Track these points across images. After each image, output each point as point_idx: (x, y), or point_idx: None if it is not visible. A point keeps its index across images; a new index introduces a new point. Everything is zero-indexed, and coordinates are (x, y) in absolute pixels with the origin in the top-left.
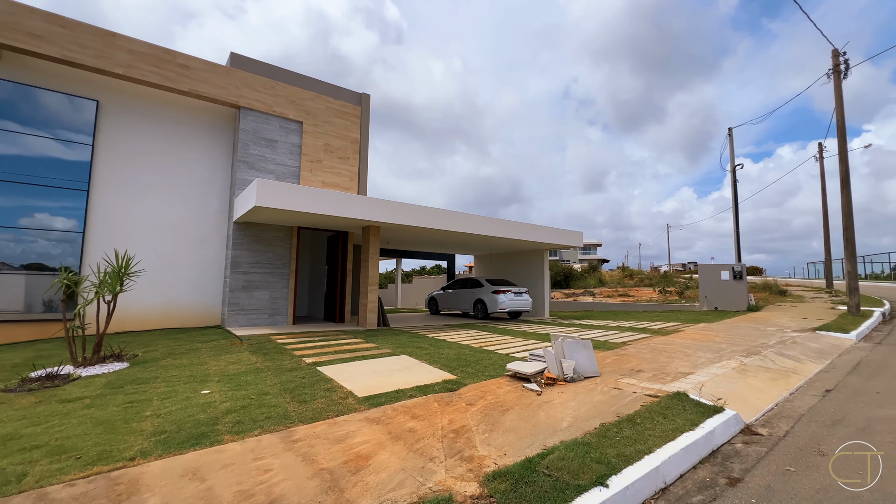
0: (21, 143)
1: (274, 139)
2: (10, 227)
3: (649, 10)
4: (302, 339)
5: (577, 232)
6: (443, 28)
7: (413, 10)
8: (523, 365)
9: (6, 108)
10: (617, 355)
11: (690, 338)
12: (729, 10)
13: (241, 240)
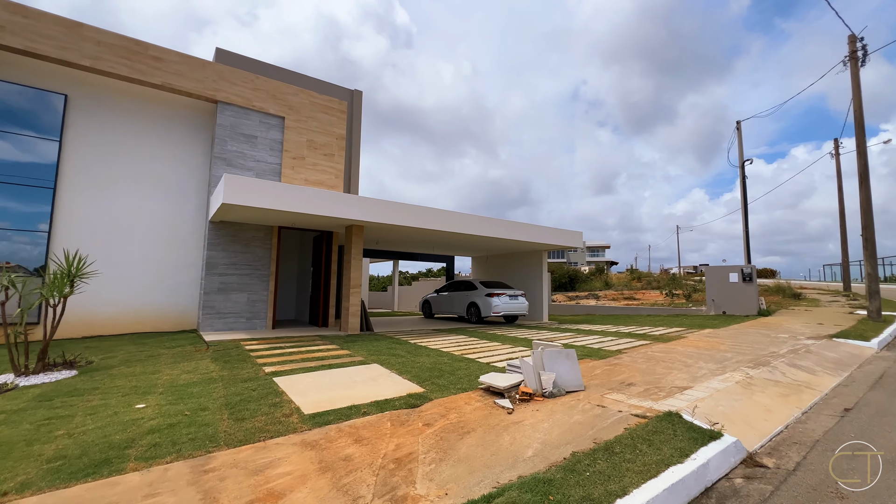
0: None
1: (253, 135)
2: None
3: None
4: (274, 345)
5: (576, 232)
6: (451, 31)
7: (422, 15)
8: (498, 377)
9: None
10: (609, 365)
11: (693, 345)
12: (741, 10)
13: (218, 240)
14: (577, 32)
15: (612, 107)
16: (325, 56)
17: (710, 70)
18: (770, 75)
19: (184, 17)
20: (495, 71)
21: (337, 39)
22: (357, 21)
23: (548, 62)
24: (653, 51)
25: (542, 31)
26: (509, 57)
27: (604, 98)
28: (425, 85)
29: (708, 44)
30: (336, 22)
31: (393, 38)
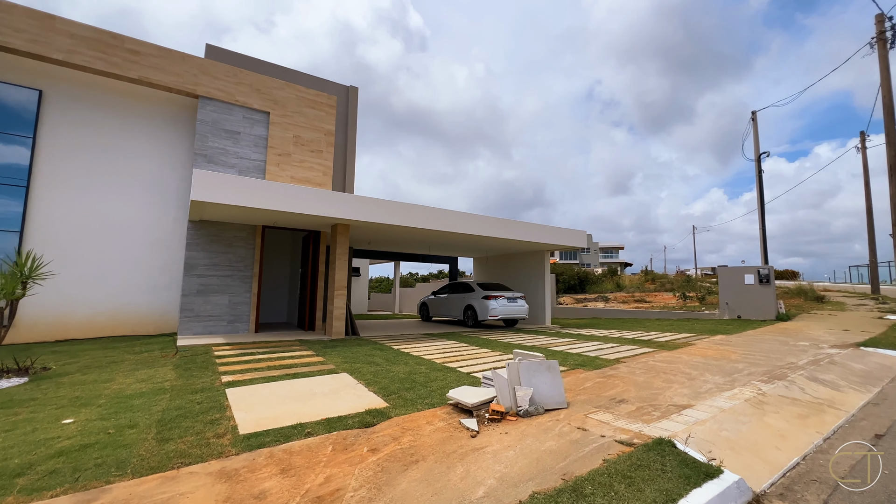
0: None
1: (236, 131)
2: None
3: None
4: (247, 350)
5: (580, 231)
6: (465, 34)
7: (436, 18)
8: (469, 392)
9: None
10: (603, 377)
11: (701, 354)
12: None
13: (198, 240)
14: (591, 32)
15: (628, 106)
16: (340, 60)
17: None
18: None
19: (204, 25)
20: (509, 72)
21: (352, 44)
22: (372, 25)
23: (562, 63)
24: (669, 49)
25: (555, 33)
26: (523, 58)
27: (619, 98)
28: (439, 87)
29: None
30: (351, 27)
31: (407, 42)
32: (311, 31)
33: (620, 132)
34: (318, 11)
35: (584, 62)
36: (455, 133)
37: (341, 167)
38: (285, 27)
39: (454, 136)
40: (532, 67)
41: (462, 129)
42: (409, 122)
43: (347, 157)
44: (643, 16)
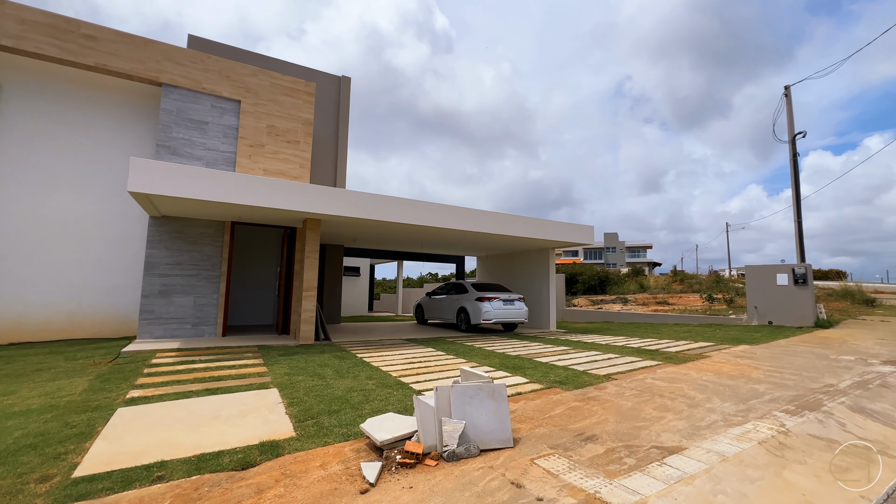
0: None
1: (204, 120)
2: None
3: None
4: (193, 357)
5: (586, 227)
6: (491, 34)
7: (461, 19)
8: (388, 423)
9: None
10: (581, 400)
11: (714, 370)
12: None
13: (159, 237)
14: (621, 29)
15: (659, 102)
16: (368, 65)
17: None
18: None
19: (241, 35)
20: (536, 71)
21: (380, 48)
22: (398, 29)
23: (590, 59)
24: (703, 43)
25: (583, 31)
26: (550, 56)
27: (650, 94)
28: (465, 88)
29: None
30: (378, 31)
31: (434, 45)
32: (340, 37)
33: (652, 128)
34: (345, 17)
35: (614, 58)
36: (481, 134)
37: (332, 161)
38: (315, 34)
39: (480, 136)
40: (559, 65)
41: (488, 130)
42: (436, 123)
43: (339, 150)
44: (675, 10)
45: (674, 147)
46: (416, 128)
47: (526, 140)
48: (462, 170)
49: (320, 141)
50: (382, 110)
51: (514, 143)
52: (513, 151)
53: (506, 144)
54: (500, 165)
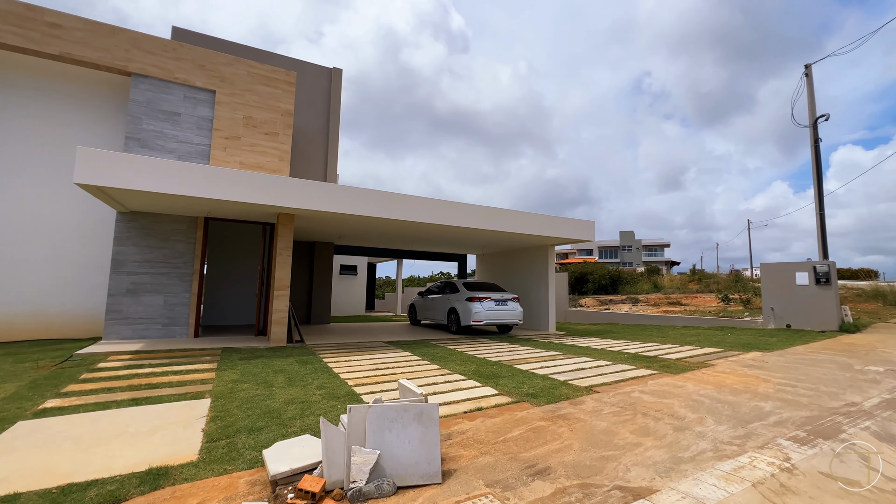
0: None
1: (176, 112)
2: None
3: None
4: (144, 361)
5: (586, 222)
6: (507, 32)
7: (477, 18)
8: (290, 452)
9: None
10: (549, 419)
11: (716, 382)
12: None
13: (128, 233)
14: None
15: (680, 98)
16: (385, 66)
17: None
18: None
19: (262, 39)
20: (553, 69)
21: (396, 49)
22: (415, 30)
23: (607, 56)
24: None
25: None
26: (566, 53)
27: (670, 90)
28: (482, 88)
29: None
30: (395, 32)
31: (450, 45)
32: (357, 40)
33: (672, 125)
34: (363, 19)
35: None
36: (498, 133)
37: (322, 155)
38: (333, 37)
39: (497, 135)
40: (576, 62)
41: (505, 129)
42: (452, 123)
43: (329, 144)
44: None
45: (695, 144)
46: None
47: (543, 138)
48: (478, 169)
49: (310, 135)
50: (399, 111)
51: (530, 141)
52: (529, 150)
53: (522, 143)
54: (517, 164)
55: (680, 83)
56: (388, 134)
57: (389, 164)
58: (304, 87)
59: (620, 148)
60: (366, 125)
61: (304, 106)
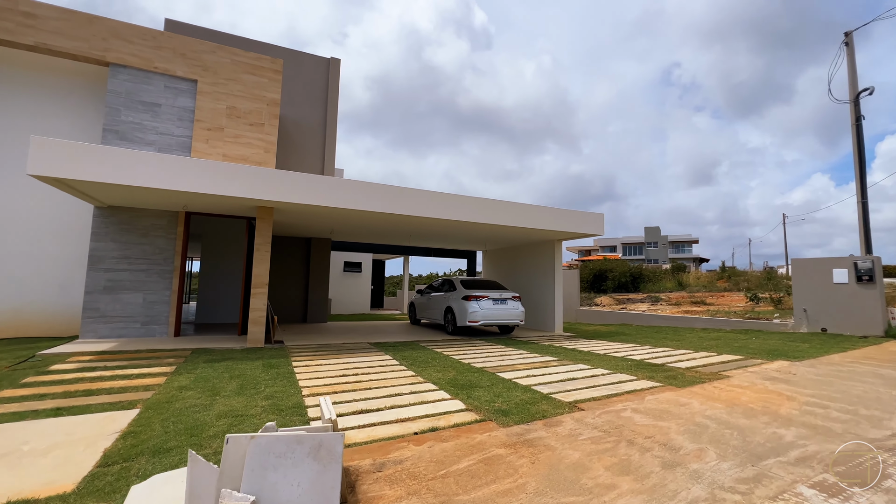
0: None
1: (156, 102)
2: None
3: None
4: (103, 362)
5: (594, 215)
6: (530, 27)
7: (500, 13)
8: (155, 492)
9: None
10: (510, 444)
11: (729, 398)
12: None
13: (105, 229)
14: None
15: (712, 89)
16: (408, 65)
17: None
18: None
19: (289, 41)
20: (578, 63)
21: (419, 48)
22: (437, 28)
23: (634, 48)
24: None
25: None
26: (592, 47)
27: (701, 81)
28: (505, 84)
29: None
30: (417, 31)
31: (473, 41)
32: (380, 39)
33: (703, 117)
34: (385, 18)
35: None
36: (521, 129)
37: (319, 148)
38: (357, 37)
39: (520, 131)
40: (602, 55)
41: (528, 125)
42: (475, 120)
43: (327, 137)
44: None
45: (728, 136)
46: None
47: (567, 134)
48: (501, 166)
49: (306, 127)
50: (422, 109)
51: (555, 137)
52: (553, 146)
53: (546, 139)
54: (541, 160)
55: (711, 74)
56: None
57: (412, 163)
58: (301, 79)
59: (648, 142)
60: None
61: (300, 98)
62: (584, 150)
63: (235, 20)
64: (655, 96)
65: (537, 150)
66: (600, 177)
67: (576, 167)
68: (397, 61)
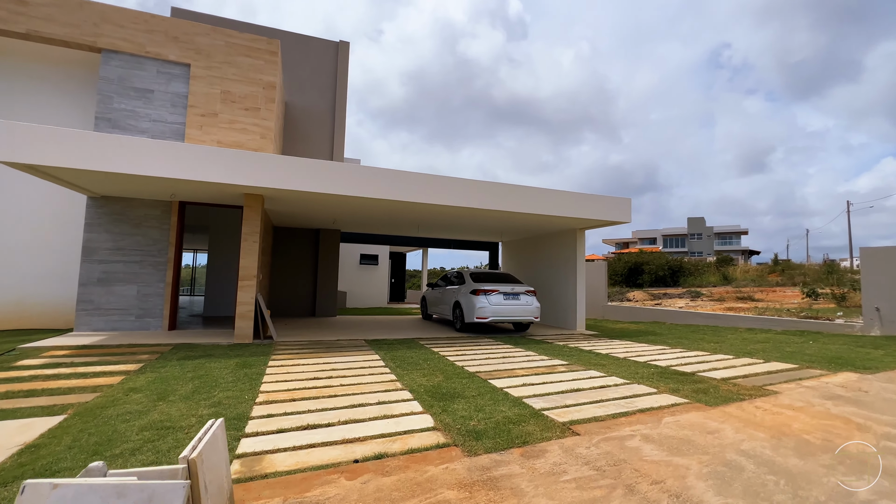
0: None
1: (149, 89)
2: None
3: None
4: (78, 357)
5: (620, 199)
6: (567, 13)
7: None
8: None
9: None
10: (465, 486)
11: (776, 425)
12: None
13: (98, 219)
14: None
15: (766, 70)
16: (443, 59)
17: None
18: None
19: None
20: (617, 48)
21: (454, 41)
22: (472, 20)
23: (679, 30)
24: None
25: None
26: (632, 31)
27: (754, 61)
28: (541, 74)
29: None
30: (452, 24)
31: (508, 31)
32: (415, 34)
33: (755, 101)
34: (419, 13)
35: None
36: (558, 119)
37: (328, 136)
38: (392, 33)
39: (557, 122)
40: (643, 40)
41: (565, 115)
42: (511, 112)
43: (336, 124)
44: None
45: (784, 120)
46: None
47: (606, 123)
48: (537, 157)
49: (314, 114)
50: (457, 103)
51: (593, 126)
52: (591, 136)
53: (584, 129)
54: (578, 151)
55: (766, 53)
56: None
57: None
58: (309, 64)
59: (694, 129)
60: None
61: (307, 84)
62: (623, 139)
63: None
64: (702, 80)
65: (574, 140)
66: (642, 167)
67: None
68: (432, 56)
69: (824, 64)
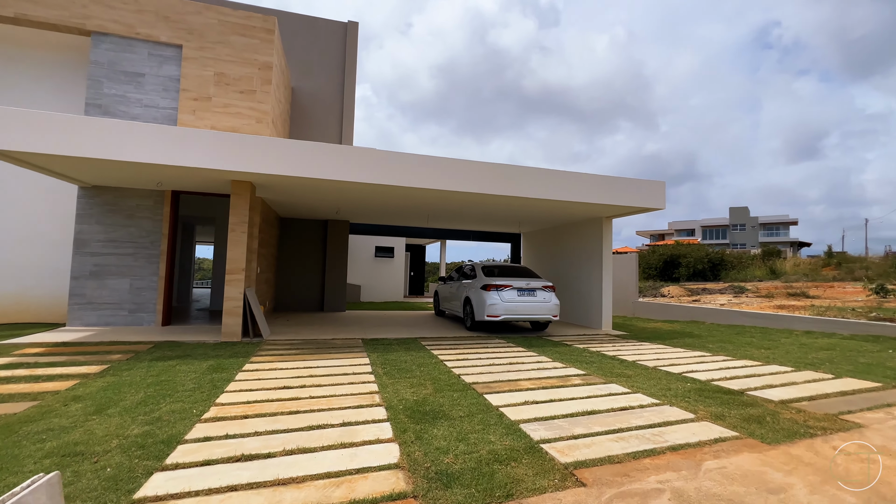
0: None
1: (140, 72)
2: None
3: None
4: (51, 356)
5: (653, 183)
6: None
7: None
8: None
9: None
10: None
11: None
12: None
13: (90, 210)
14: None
15: (820, 49)
16: (473, 50)
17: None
18: None
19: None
20: (654, 31)
21: (483, 31)
22: (503, 9)
23: (722, 9)
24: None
25: None
26: (670, 11)
27: (807, 40)
28: (574, 62)
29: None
30: (482, 14)
31: (539, 19)
32: (444, 25)
33: (807, 82)
34: (450, 4)
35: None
36: (591, 108)
37: (336, 121)
38: (421, 26)
39: (590, 111)
40: (683, 20)
41: (599, 104)
42: (542, 102)
43: (345, 108)
44: None
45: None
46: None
47: (643, 110)
48: (569, 148)
49: (321, 98)
50: (487, 94)
51: (628, 114)
52: (627, 124)
53: (619, 117)
54: (612, 140)
55: (821, 30)
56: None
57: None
58: (316, 47)
59: (738, 114)
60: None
61: (314, 67)
62: (661, 126)
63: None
64: (748, 62)
65: (609, 129)
66: (680, 155)
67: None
68: (462, 47)
69: (888, 39)
